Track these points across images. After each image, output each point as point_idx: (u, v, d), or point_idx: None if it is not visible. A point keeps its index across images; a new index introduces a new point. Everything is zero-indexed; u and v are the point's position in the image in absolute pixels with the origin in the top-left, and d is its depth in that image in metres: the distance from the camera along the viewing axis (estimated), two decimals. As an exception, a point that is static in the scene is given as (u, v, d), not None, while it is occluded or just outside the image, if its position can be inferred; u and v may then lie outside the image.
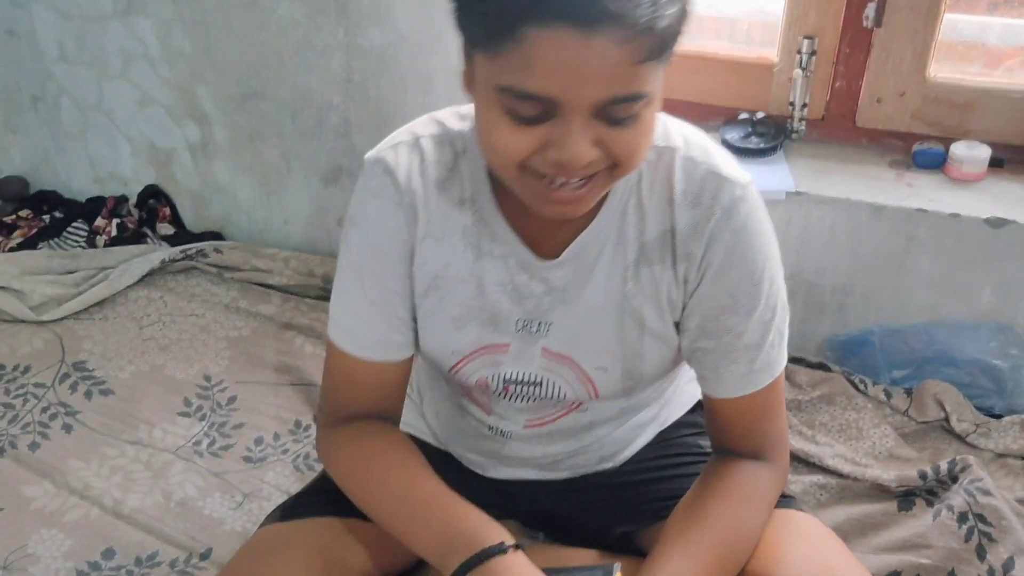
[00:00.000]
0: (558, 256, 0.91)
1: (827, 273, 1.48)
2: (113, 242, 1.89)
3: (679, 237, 0.88)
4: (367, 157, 0.93)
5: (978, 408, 1.42)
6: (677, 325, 0.94)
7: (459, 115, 0.94)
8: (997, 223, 1.35)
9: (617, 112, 0.72)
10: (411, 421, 1.14)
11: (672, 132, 0.90)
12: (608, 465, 1.10)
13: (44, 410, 1.48)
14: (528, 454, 1.06)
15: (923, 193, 1.42)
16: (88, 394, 1.52)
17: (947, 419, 1.39)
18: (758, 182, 0.90)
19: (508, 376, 0.97)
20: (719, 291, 0.89)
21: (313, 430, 1.46)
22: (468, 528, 0.86)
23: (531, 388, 0.98)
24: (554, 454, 1.06)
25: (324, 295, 1.77)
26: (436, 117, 0.94)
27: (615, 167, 0.77)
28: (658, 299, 0.92)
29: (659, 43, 0.70)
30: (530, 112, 0.72)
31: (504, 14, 0.68)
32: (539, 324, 0.94)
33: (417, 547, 0.90)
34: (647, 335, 0.94)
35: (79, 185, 2.08)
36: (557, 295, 0.93)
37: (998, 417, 1.40)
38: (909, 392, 1.45)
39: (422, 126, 0.93)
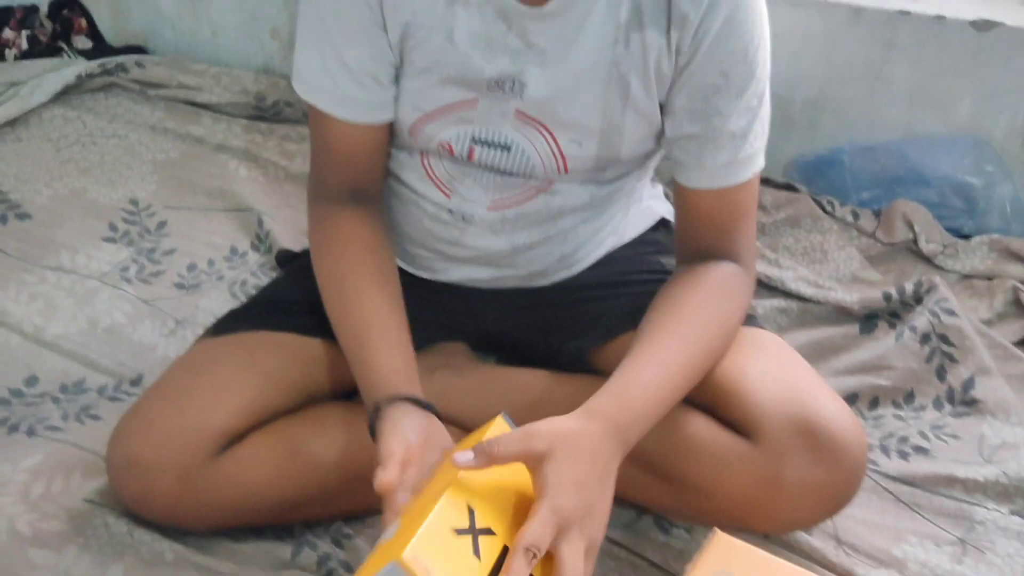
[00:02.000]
0: (543, 4, 0.83)
1: (798, 85, 1.40)
2: (24, 56, 1.75)
3: (675, 1, 0.82)
4: None
5: (948, 229, 1.38)
6: (662, 106, 0.89)
7: None
8: (984, 25, 1.27)
9: None
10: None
11: None
12: (564, 272, 1.05)
13: (-44, 235, 1.38)
14: (489, 245, 1.00)
15: (906, -8, 1.32)
16: (3, 218, 1.41)
17: (915, 240, 1.36)
18: None
19: (476, 135, 0.91)
20: (711, 66, 0.84)
21: (250, 256, 1.38)
22: (389, 374, 0.86)
23: (499, 153, 0.92)
24: (515, 244, 1.00)
25: (259, 115, 1.65)
26: None
27: None
28: (646, 69, 0.86)
29: None
30: None
31: None
32: (513, 82, 0.88)
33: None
34: (630, 109, 0.88)
35: (-16, -6, 1.89)
36: (535, 53, 0.86)
37: (967, 238, 1.36)
38: (877, 213, 1.40)
39: None
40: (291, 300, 1.02)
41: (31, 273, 1.32)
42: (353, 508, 0.97)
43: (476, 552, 0.68)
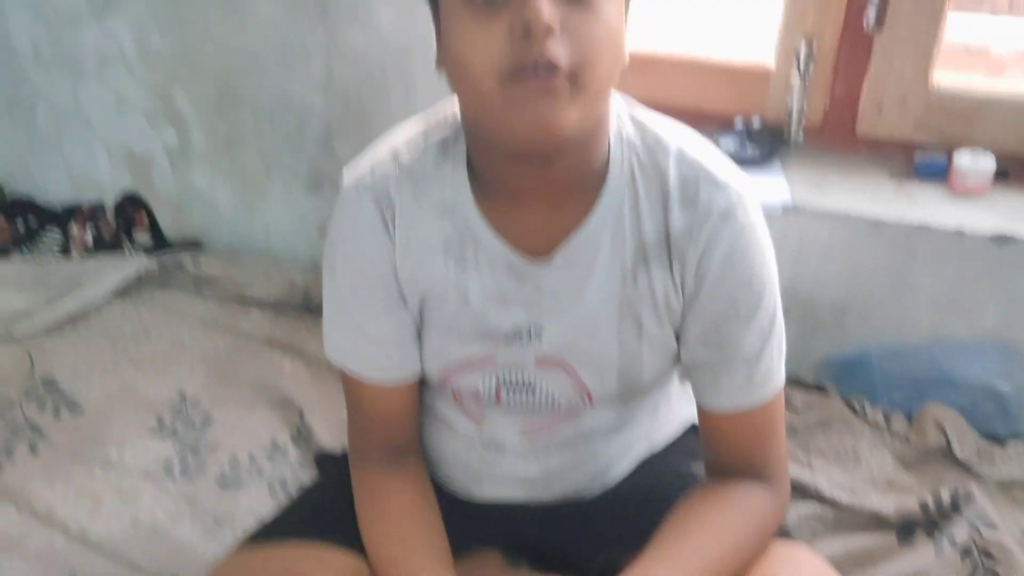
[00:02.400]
0: (550, 258, 0.87)
1: (824, 290, 1.43)
2: (89, 251, 1.84)
3: (674, 239, 0.85)
4: (344, 179, 0.91)
5: (981, 433, 1.36)
6: (677, 335, 0.91)
7: (439, 123, 0.91)
8: (1003, 240, 1.30)
9: None
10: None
11: (666, 133, 0.88)
12: (599, 484, 1.05)
13: (11, 431, 1.42)
14: (521, 470, 1.02)
15: (925, 207, 1.36)
16: (56, 412, 1.47)
17: (949, 445, 1.34)
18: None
19: (501, 380, 0.94)
20: (719, 297, 0.86)
21: (290, 452, 1.41)
22: None
23: (524, 394, 0.95)
24: (547, 469, 1.02)
25: (305, 309, 1.72)
26: (415, 122, 0.92)
27: (577, 77, 0.73)
28: (656, 304, 0.88)
29: None
30: None
31: None
32: (530, 331, 0.91)
33: None
34: (645, 341, 0.90)
35: (55, 191, 2.02)
36: (550, 298, 0.89)
37: (1002, 442, 1.35)
38: (909, 416, 1.39)
39: (401, 134, 0.91)
40: (330, 514, 1.02)
41: (80, 468, 1.36)
42: None
43: None
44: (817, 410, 1.41)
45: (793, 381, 1.46)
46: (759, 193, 1.38)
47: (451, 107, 0.91)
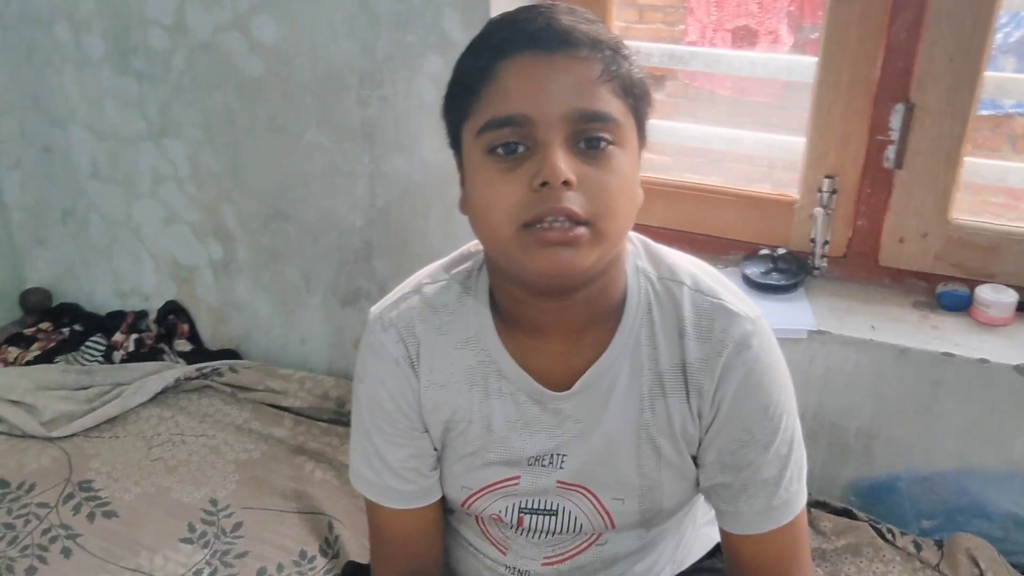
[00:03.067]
0: (570, 388, 0.90)
1: (851, 415, 1.45)
2: (130, 357, 1.89)
3: (690, 370, 0.88)
4: (370, 312, 0.96)
5: (1013, 565, 1.35)
6: (694, 459, 0.93)
7: (463, 255, 0.97)
8: (1027, 371, 1.32)
9: (588, 131, 0.78)
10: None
11: (679, 266, 0.92)
12: None
13: (44, 532, 1.44)
14: None
15: (949, 337, 1.39)
16: (91, 516, 1.49)
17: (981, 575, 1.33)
18: (779, 319, 0.90)
19: (523, 506, 0.96)
20: (735, 425, 0.88)
21: (319, 562, 1.42)
22: None
23: (546, 519, 0.96)
24: None
25: (337, 419, 1.75)
26: (441, 262, 0.97)
27: (595, 225, 0.78)
28: (672, 431, 0.90)
29: (615, 72, 0.79)
30: (510, 137, 0.78)
31: (481, 58, 0.80)
32: (552, 457, 0.93)
33: None
34: (664, 465, 0.92)
35: (101, 299, 2.09)
36: (571, 426, 0.92)
37: (1034, 574, 1.34)
38: (940, 544, 1.38)
39: (425, 273, 0.96)
40: None
41: (110, 574, 1.37)
42: None
43: None
44: (847, 535, 1.40)
45: (821, 504, 1.46)
46: (785, 320, 1.43)
47: (475, 244, 0.95)
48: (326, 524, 1.48)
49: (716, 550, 1.12)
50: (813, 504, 1.46)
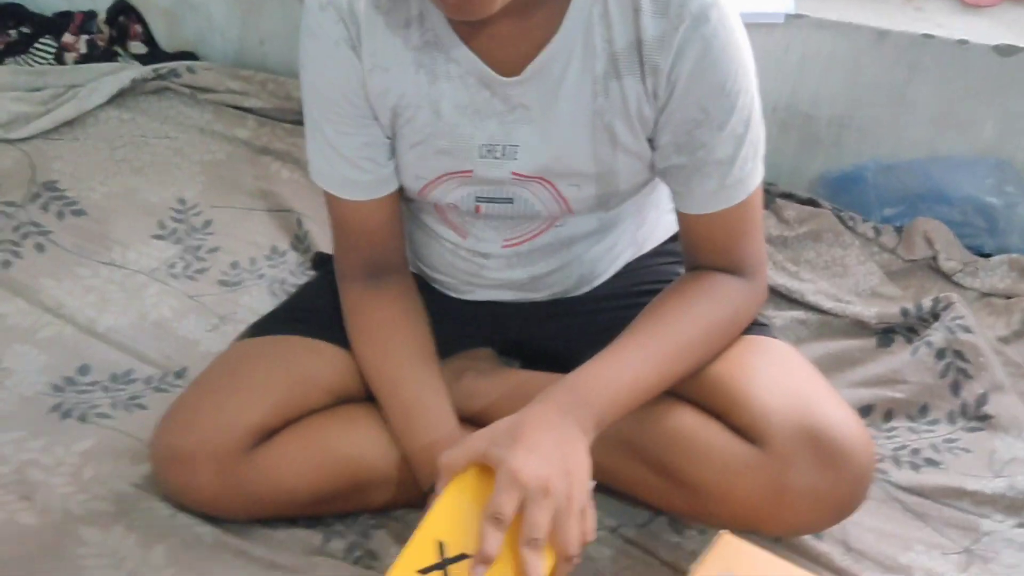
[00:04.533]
0: (520, 73, 0.86)
1: (824, 104, 1.42)
2: (83, 60, 1.81)
3: (646, 49, 0.84)
4: None
5: (968, 247, 1.39)
6: (650, 141, 0.91)
7: None
8: (1007, 51, 1.28)
9: None
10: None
11: None
12: (587, 288, 1.08)
13: (15, 229, 1.45)
14: (507, 276, 1.05)
15: (932, 17, 1.34)
16: (60, 214, 1.49)
17: (935, 257, 1.37)
18: (757, 2, 0.85)
19: (479, 195, 0.95)
20: (690, 104, 0.86)
21: (290, 256, 1.44)
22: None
23: (503, 206, 0.96)
24: (533, 274, 1.04)
25: (300, 119, 1.65)
26: None
27: None
28: (628, 114, 0.88)
29: None
30: None
31: None
32: (504, 148, 0.91)
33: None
34: (619, 150, 0.91)
35: (45, -1, 1.97)
36: (521, 113, 0.89)
37: (987, 256, 1.38)
38: (899, 230, 1.42)
39: None
40: (325, 310, 1.06)
41: (85, 267, 1.39)
42: (380, 504, 1.03)
43: None
44: (809, 223, 1.43)
45: (787, 195, 1.48)
46: (762, 3, 1.36)
47: None
48: (295, 220, 1.49)
49: (676, 235, 1.15)
50: (780, 195, 1.48)
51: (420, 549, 0.75)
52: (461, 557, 0.75)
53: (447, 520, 0.77)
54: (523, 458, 0.76)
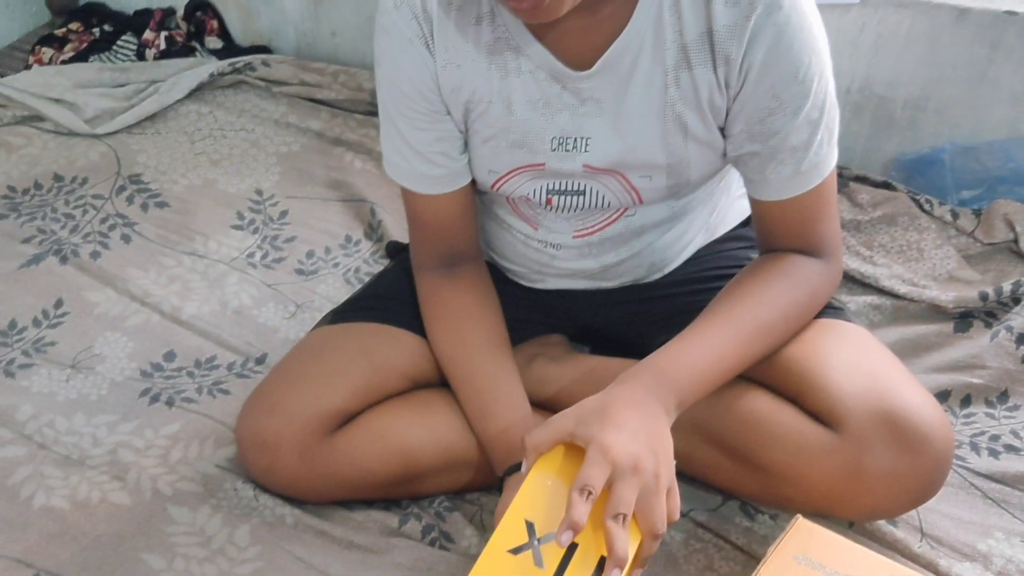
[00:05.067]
0: (591, 67, 0.87)
1: (900, 86, 1.39)
2: (162, 56, 1.87)
3: (717, 38, 0.84)
4: None
5: (1051, 229, 1.35)
6: (722, 130, 0.91)
7: None
8: (1093, 26, 1.24)
9: None
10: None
11: None
12: (658, 275, 1.09)
13: (103, 221, 1.51)
14: (579, 265, 1.06)
15: (1014, -6, 1.30)
16: (144, 206, 1.54)
17: (1016, 240, 1.33)
18: None
19: (550, 187, 0.96)
20: (762, 92, 0.85)
21: (364, 245, 1.47)
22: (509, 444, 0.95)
23: (574, 198, 0.97)
24: (604, 263, 1.05)
25: (372, 110, 1.74)
26: None
27: None
28: (699, 104, 0.88)
29: None
30: None
31: None
32: (576, 140, 0.92)
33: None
34: (691, 141, 0.91)
35: (125, -4, 2.04)
36: (592, 106, 0.90)
37: (1071, 238, 1.34)
38: (978, 213, 1.38)
39: None
40: (401, 298, 1.09)
41: (169, 257, 1.44)
42: (455, 487, 1.05)
43: (538, 562, 0.75)
44: (883, 206, 1.40)
45: (861, 178, 1.45)
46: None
47: None
48: (368, 210, 1.52)
49: (749, 219, 1.14)
50: (853, 178, 1.45)
51: (509, 529, 0.77)
52: (550, 537, 0.76)
53: (535, 500, 0.78)
54: (613, 435, 0.77)
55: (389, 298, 1.11)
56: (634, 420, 0.79)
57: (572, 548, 0.75)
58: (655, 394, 0.83)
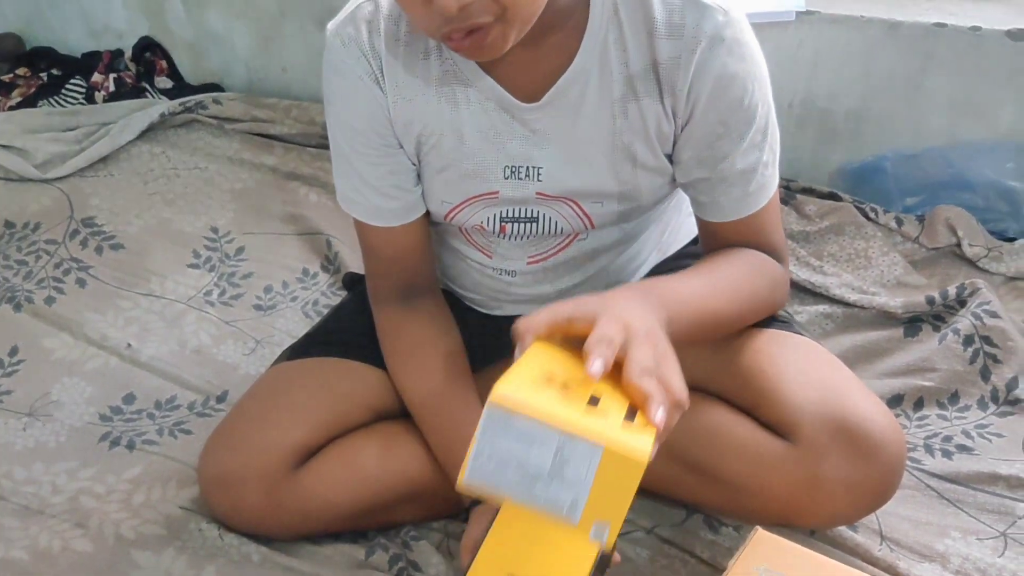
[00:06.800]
0: (539, 99, 0.88)
1: (840, 98, 1.43)
2: (112, 97, 1.86)
3: (662, 70, 0.86)
4: (328, 29, 0.91)
5: (992, 232, 1.39)
6: (669, 157, 0.93)
7: None
8: (1020, 35, 1.28)
9: None
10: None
11: None
12: None
13: (57, 266, 1.49)
14: (535, 292, 1.06)
15: (943, 7, 1.35)
16: (99, 249, 1.53)
17: (959, 244, 1.37)
18: (767, 2, 0.86)
19: (504, 215, 0.97)
20: (710, 120, 0.87)
21: (320, 277, 1.48)
22: None
23: (527, 225, 0.98)
24: (561, 288, 1.06)
25: (325, 143, 1.67)
26: None
27: (506, 14, 0.75)
28: (647, 134, 0.90)
29: None
30: None
31: None
32: (527, 169, 0.93)
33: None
34: (640, 169, 0.93)
35: (74, 40, 2.02)
36: (542, 137, 0.91)
37: (1011, 240, 1.38)
38: (921, 219, 1.42)
39: None
40: (359, 331, 1.08)
41: (126, 299, 1.43)
42: (420, 516, 1.05)
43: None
44: (830, 216, 1.43)
45: (808, 190, 1.49)
46: (773, 2, 1.37)
47: None
48: (324, 242, 1.52)
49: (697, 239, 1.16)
50: (800, 191, 1.48)
51: (540, 356, 0.70)
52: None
53: (555, 352, 0.71)
54: (621, 306, 0.74)
55: (348, 332, 1.11)
56: (635, 307, 0.76)
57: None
58: (648, 301, 0.79)
